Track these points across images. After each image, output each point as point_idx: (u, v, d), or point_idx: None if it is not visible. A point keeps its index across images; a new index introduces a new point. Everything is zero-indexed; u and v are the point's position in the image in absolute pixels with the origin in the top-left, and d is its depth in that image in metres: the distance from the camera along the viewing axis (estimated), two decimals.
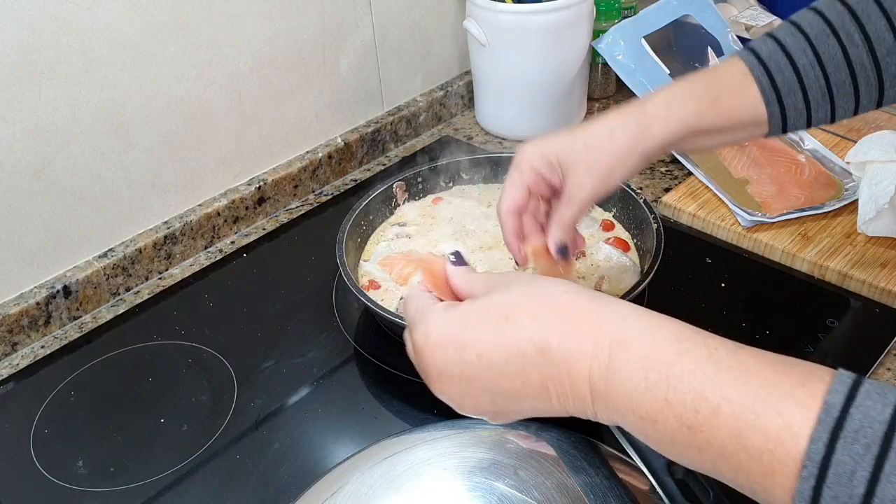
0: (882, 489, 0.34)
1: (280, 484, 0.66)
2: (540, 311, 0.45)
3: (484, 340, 0.46)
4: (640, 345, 0.42)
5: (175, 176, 0.92)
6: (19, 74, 0.76)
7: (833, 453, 0.36)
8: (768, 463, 0.38)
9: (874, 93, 0.64)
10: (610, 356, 0.42)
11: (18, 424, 0.73)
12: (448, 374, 0.48)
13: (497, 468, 0.57)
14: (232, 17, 0.90)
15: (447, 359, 0.47)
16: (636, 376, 0.41)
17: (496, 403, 0.47)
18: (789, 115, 0.64)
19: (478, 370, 0.46)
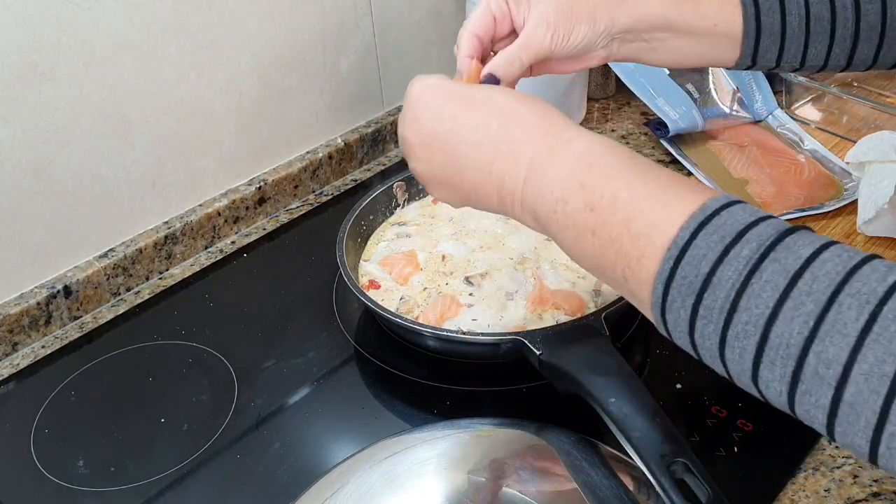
0: (721, 271, 0.40)
1: (280, 484, 0.66)
2: (518, 104, 0.51)
3: (461, 107, 0.52)
4: (580, 144, 0.48)
5: (175, 176, 0.92)
6: (20, 74, 0.76)
7: (694, 240, 0.42)
8: (643, 247, 0.43)
9: (848, 41, 0.64)
10: (553, 146, 0.49)
11: (19, 424, 0.74)
12: (421, 122, 0.54)
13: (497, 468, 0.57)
14: (232, 17, 0.90)
15: (427, 109, 0.54)
16: (566, 163, 0.48)
17: (445, 165, 0.53)
18: (763, 39, 0.64)
19: (445, 130, 0.53)
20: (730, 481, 0.61)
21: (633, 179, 0.46)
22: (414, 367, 0.76)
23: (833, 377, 0.37)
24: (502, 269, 0.82)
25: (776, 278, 0.39)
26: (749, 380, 0.41)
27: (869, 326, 0.36)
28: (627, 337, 0.78)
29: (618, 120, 1.15)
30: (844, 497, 0.62)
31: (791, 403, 0.39)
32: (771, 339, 0.39)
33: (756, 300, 0.39)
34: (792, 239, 0.40)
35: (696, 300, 0.41)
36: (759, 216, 0.42)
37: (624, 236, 0.44)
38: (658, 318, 0.44)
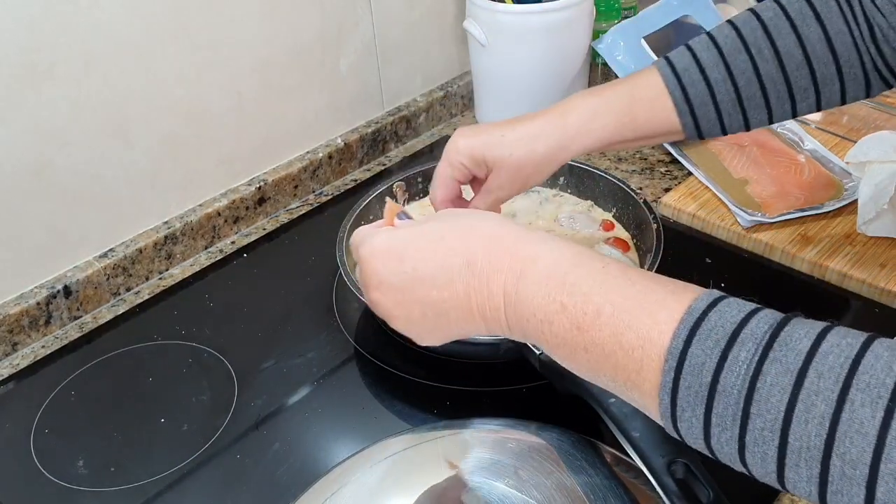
0: (724, 377, 0.40)
1: (280, 484, 0.66)
2: (469, 235, 0.51)
3: (420, 255, 0.52)
4: (546, 261, 0.48)
5: (175, 176, 0.92)
6: (19, 74, 0.76)
7: (689, 348, 0.41)
8: (639, 359, 0.43)
9: (786, 104, 0.68)
10: (521, 270, 0.48)
11: (19, 424, 0.73)
12: (387, 283, 0.53)
13: (497, 468, 0.57)
14: (232, 17, 0.90)
15: (387, 270, 0.53)
16: (540, 284, 0.47)
17: (426, 315, 0.52)
18: (702, 125, 0.69)
19: (413, 280, 0.52)
20: (730, 482, 0.61)
21: (611, 291, 0.45)
22: (414, 367, 0.76)
23: (861, 478, 0.36)
24: None
25: (781, 380, 0.39)
26: (776, 481, 0.40)
27: (887, 423, 0.36)
28: None
29: None
30: None
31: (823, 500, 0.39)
32: (791, 443, 0.38)
33: (766, 405, 0.39)
34: (787, 333, 0.40)
35: (706, 409, 0.41)
36: (747, 312, 0.41)
37: (617, 351, 0.44)
38: (670, 426, 0.44)
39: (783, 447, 0.38)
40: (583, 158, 1.05)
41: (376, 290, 0.54)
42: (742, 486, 0.63)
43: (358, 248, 0.56)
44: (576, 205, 0.92)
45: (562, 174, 0.93)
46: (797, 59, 0.66)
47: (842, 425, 0.37)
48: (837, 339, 0.39)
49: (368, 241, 0.55)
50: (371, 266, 0.54)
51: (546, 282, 0.47)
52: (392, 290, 0.53)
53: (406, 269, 0.52)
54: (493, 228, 0.51)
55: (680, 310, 0.42)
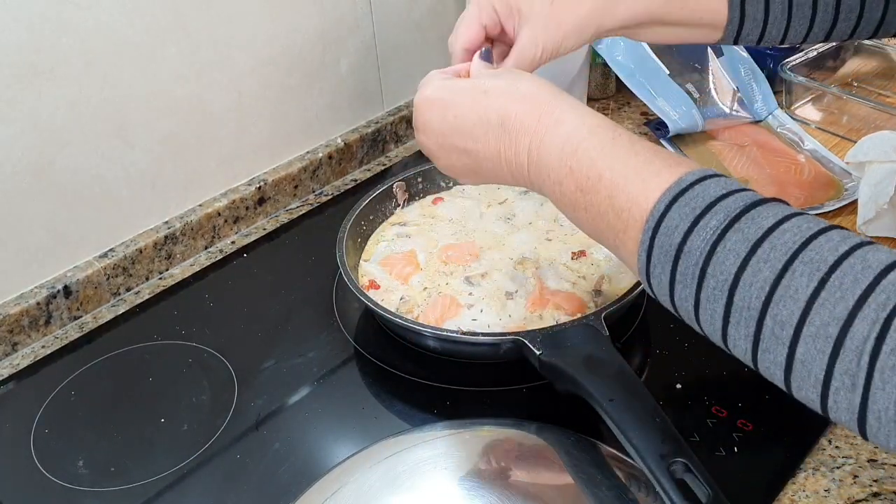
0: (691, 240, 0.44)
1: (280, 484, 0.66)
2: (508, 93, 0.55)
3: (463, 105, 0.57)
4: (568, 127, 0.52)
5: (175, 176, 0.92)
6: (19, 74, 0.76)
7: (668, 212, 0.46)
8: (626, 219, 0.48)
9: (828, 20, 0.68)
10: (545, 131, 0.53)
11: (19, 424, 0.73)
12: (431, 129, 0.59)
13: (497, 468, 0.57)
14: (232, 17, 0.90)
15: (433, 115, 0.59)
16: (557, 148, 0.52)
17: (462, 161, 0.59)
18: (746, 24, 0.68)
19: (453, 128, 0.57)
20: (730, 481, 0.61)
21: (614, 159, 0.49)
22: (414, 367, 0.76)
23: (787, 338, 0.41)
24: (502, 269, 0.82)
25: (738, 247, 0.43)
26: (720, 339, 0.45)
27: (817, 292, 0.40)
28: (627, 337, 0.78)
29: (618, 120, 1.15)
30: (844, 497, 0.62)
31: (755, 361, 0.43)
32: (735, 302, 0.43)
33: (721, 267, 0.43)
34: (757, 210, 0.43)
35: (673, 267, 0.45)
36: (730, 189, 0.45)
37: (609, 212, 0.49)
38: (645, 283, 0.49)
39: (729, 306, 0.43)
40: None
41: (423, 133, 0.60)
42: (742, 485, 0.63)
43: (418, 91, 0.61)
44: None
45: None
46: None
47: (779, 290, 0.41)
48: (800, 221, 0.43)
49: (425, 86, 0.60)
50: (421, 111, 0.60)
51: (562, 146, 0.52)
52: (435, 134, 0.59)
53: (449, 118, 0.58)
54: (531, 90, 0.55)
55: (670, 179, 0.46)
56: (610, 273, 0.81)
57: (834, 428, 0.67)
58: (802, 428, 0.67)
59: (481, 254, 0.84)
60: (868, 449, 0.66)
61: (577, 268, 0.82)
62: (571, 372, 0.62)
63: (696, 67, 1.12)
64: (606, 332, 0.67)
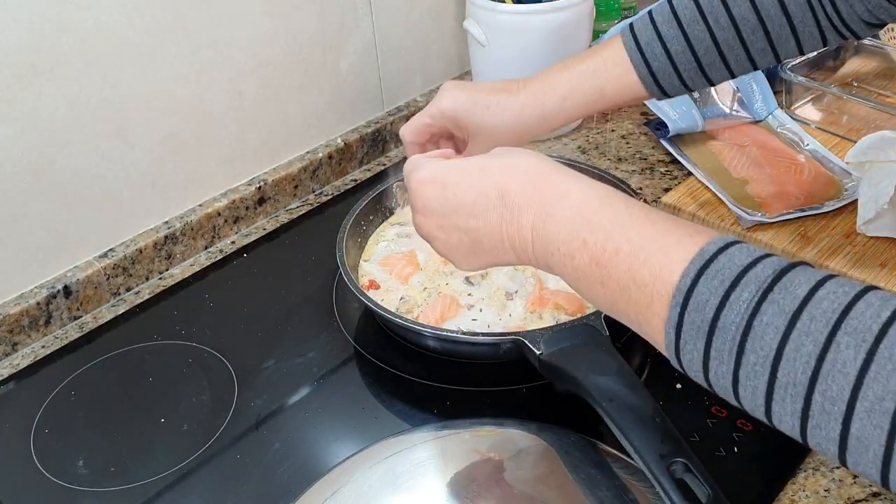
0: (725, 315, 0.43)
1: (280, 484, 0.66)
2: (507, 169, 0.56)
3: (461, 184, 0.57)
4: (575, 199, 0.51)
5: (175, 176, 0.92)
6: (20, 74, 0.76)
7: (696, 286, 0.44)
8: (650, 294, 0.46)
9: (746, 65, 0.73)
10: (551, 205, 0.52)
11: (19, 424, 0.73)
12: (430, 209, 0.59)
13: (497, 468, 0.57)
14: (232, 17, 0.90)
15: (432, 196, 0.58)
16: (566, 221, 0.51)
17: (462, 240, 0.58)
18: (667, 90, 0.74)
19: (453, 207, 0.57)
20: (730, 481, 0.61)
21: (631, 231, 0.48)
22: (414, 367, 0.76)
23: (839, 414, 0.39)
24: (502, 269, 0.82)
25: (776, 320, 0.41)
26: (763, 415, 0.43)
27: (867, 365, 0.38)
28: (627, 337, 0.78)
29: (618, 120, 1.15)
30: (844, 497, 0.62)
31: (804, 436, 0.42)
32: (779, 378, 0.41)
33: (760, 342, 0.42)
34: (788, 278, 0.42)
35: (706, 344, 0.44)
36: (755, 257, 0.44)
37: (631, 286, 0.47)
38: (674, 359, 0.47)
39: (772, 382, 0.42)
40: (583, 158, 1.05)
41: (421, 213, 0.60)
42: (742, 485, 0.63)
43: (409, 175, 0.61)
44: None
45: None
46: (752, 23, 0.70)
47: (826, 364, 0.39)
48: (835, 287, 0.41)
49: (418, 169, 0.61)
50: (418, 192, 0.60)
51: (572, 219, 0.51)
52: (434, 214, 0.59)
53: (448, 196, 0.57)
54: (530, 165, 0.55)
55: (693, 250, 0.45)
56: None
57: None
58: None
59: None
60: None
61: None
62: (571, 372, 0.62)
63: None
64: (606, 332, 0.67)
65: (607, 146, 1.09)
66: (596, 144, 1.09)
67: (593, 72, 0.74)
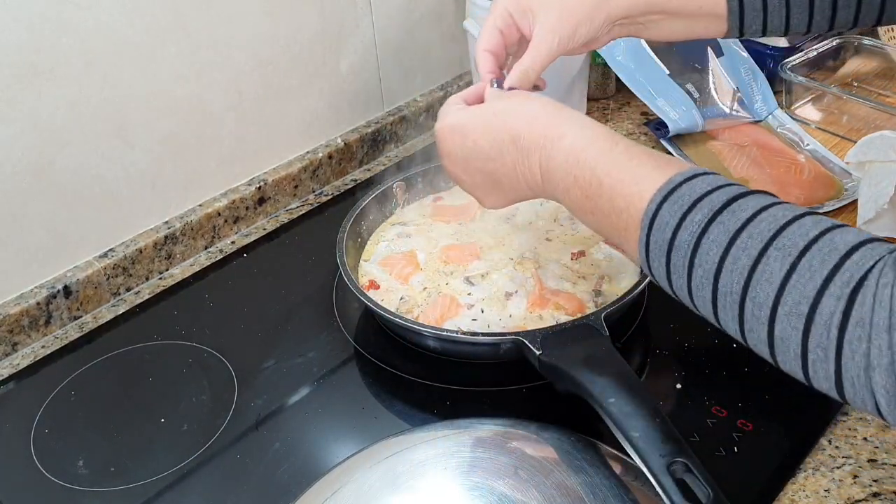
0: (679, 235, 0.49)
1: (280, 484, 0.66)
2: (515, 114, 0.61)
3: (477, 130, 0.62)
4: (569, 139, 0.57)
5: (175, 176, 0.92)
6: (20, 74, 0.76)
7: (660, 210, 0.50)
8: (626, 219, 0.53)
9: (827, 11, 0.69)
10: (551, 147, 0.58)
11: (19, 424, 0.74)
12: (454, 155, 0.65)
13: (497, 468, 0.57)
14: (232, 17, 0.90)
15: (454, 143, 0.64)
16: (562, 160, 0.57)
17: (485, 181, 0.64)
18: (746, 14, 0.70)
19: (472, 152, 0.63)
20: (730, 481, 0.61)
21: (611, 165, 0.54)
22: (414, 367, 0.76)
23: (765, 318, 0.45)
24: (502, 269, 0.82)
25: (720, 238, 0.47)
26: (714, 321, 0.50)
27: (789, 275, 0.44)
28: (627, 337, 0.78)
29: (618, 120, 1.15)
30: (844, 497, 0.62)
31: (744, 340, 0.48)
32: (720, 289, 0.47)
33: (705, 258, 0.48)
34: (738, 203, 0.48)
35: (667, 260, 0.50)
36: (716, 185, 0.49)
37: (612, 214, 0.54)
38: (648, 273, 0.54)
39: (715, 292, 0.48)
40: None
41: (447, 159, 0.66)
42: (742, 485, 0.63)
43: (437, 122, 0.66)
44: None
45: None
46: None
47: (756, 274, 0.45)
48: (777, 211, 0.47)
49: (442, 118, 0.65)
50: (443, 140, 0.65)
51: (566, 158, 0.57)
52: (458, 160, 0.65)
53: (468, 143, 0.63)
54: (534, 109, 0.60)
55: (661, 180, 0.51)
56: (610, 273, 0.81)
57: (834, 428, 0.67)
58: (802, 428, 0.67)
59: (481, 254, 0.84)
60: (868, 449, 0.66)
61: (577, 268, 0.82)
62: (571, 372, 0.62)
63: (696, 67, 1.11)
64: (606, 332, 0.67)
65: None
66: None
67: None
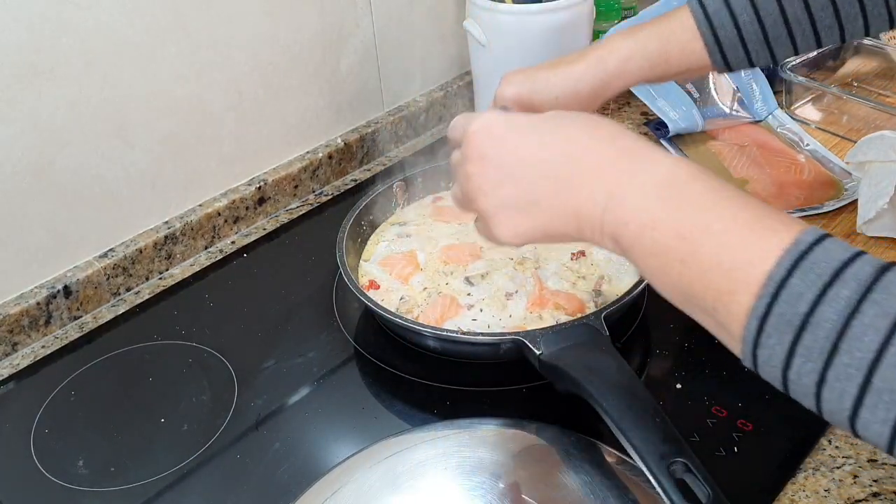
0: (820, 311, 0.40)
1: (280, 484, 0.66)
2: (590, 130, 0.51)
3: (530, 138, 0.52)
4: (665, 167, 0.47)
5: (175, 176, 0.92)
6: (20, 74, 0.76)
7: (791, 278, 0.41)
8: (736, 280, 0.43)
9: (811, 41, 0.71)
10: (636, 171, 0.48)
11: (19, 424, 0.74)
12: (488, 158, 0.53)
13: (497, 468, 0.57)
14: (232, 17, 0.90)
15: (492, 144, 0.53)
16: (652, 188, 0.47)
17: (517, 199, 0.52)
18: (731, 62, 0.72)
19: (515, 160, 0.52)
20: (730, 481, 0.61)
21: (724, 209, 0.45)
22: (414, 367, 0.76)
23: None
24: (502, 269, 0.82)
25: (878, 322, 0.39)
26: (846, 420, 0.41)
27: None
28: (627, 337, 0.78)
29: (618, 120, 1.15)
30: (844, 497, 0.62)
31: (891, 447, 0.40)
32: (874, 383, 0.39)
33: (858, 343, 0.39)
34: (889, 278, 0.40)
35: (794, 339, 0.41)
36: (852, 253, 0.42)
37: (715, 269, 0.44)
38: (748, 352, 0.44)
39: (865, 387, 0.39)
40: None
41: (476, 162, 0.54)
42: (742, 485, 0.63)
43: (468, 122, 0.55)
44: None
45: None
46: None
47: None
48: None
49: (482, 116, 0.55)
50: (477, 138, 0.54)
51: (660, 187, 0.47)
52: (491, 165, 0.53)
53: (510, 147, 0.52)
54: (615, 128, 0.51)
55: (788, 239, 0.42)
56: (610, 273, 0.81)
57: (834, 428, 0.67)
58: (802, 428, 0.67)
59: (481, 254, 0.84)
60: (868, 449, 0.66)
61: (577, 268, 0.82)
62: (571, 372, 0.62)
63: None
64: (606, 332, 0.67)
65: None
66: None
67: (658, 36, 0.72)
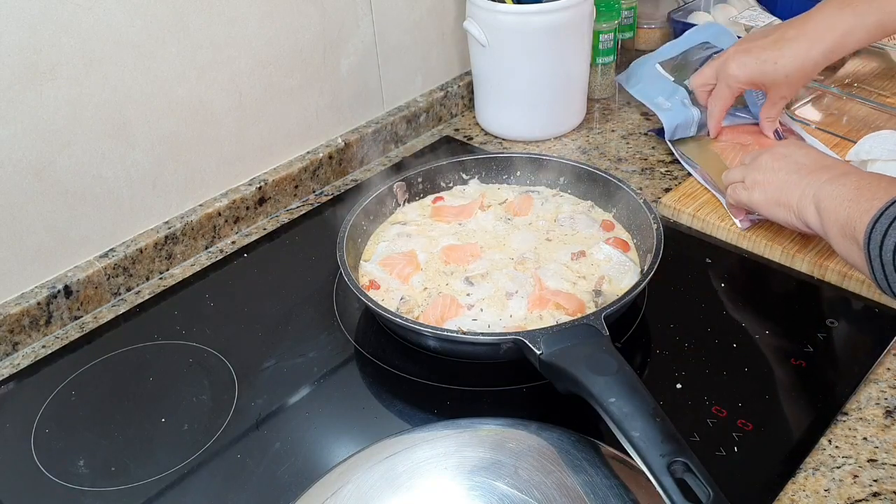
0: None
1: (280, 484, 0.66)
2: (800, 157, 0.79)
3: (777, 163, 0.80)
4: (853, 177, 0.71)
5: (176, 176, 0.92)
6: (20, 74, 0.76)
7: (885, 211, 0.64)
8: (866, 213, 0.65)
9: None
10: (830, 179, 0.73)
11: (19, 424, 0.74)
12: (786, 156, 0.80)
13: (497, 468, 0.57)
14: (233, 17, 0.90)
15: (788, 153, 0.80)
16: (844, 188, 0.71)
17: (772, 195, 0.80)
18: None
19: (794, 162, 0.79)
20: (730, 481, 0.61)
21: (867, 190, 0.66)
22: (414, 367, 0.76)
23: None
24: (502, 269, 0.82)
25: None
26: None
27: None
28: (627, 337, 0.78)
29: (618, 120, 1.15)
30: (844, 497, 0.62)
31: None
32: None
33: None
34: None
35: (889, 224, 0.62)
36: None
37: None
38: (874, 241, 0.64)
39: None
40: (583, 158, 1.05)
41: (777, 159, 0.80)
42: (742, 485, 0.63)
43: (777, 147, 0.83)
44: (576, 205, 0.92)
45: (562, 174, 0.94)
46: None
47: None
48: None
49: (779, 146, 0.83)
50: (779, 150, 0.81)
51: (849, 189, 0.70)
52: (787, 161, 0.79)
53: (795, 157, 0.79)
54: (817, 157, 0.78)
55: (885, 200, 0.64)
56: (610, 273, 0.81)
57: (834, 428, 0.67)
58: (802, 428, 0.67)
59: (481, 254, 0.84)
60: (868, 449, 0.66)
61: (577, 268, 0.82)
62: (571, 372, 0.62)
63: (697, 68, 1.11)
64: (606, 332, 0.67)
65: (607, 146, 1.09)
66: (596, 145, 1.09)
67: (878, 8, 0.83)
